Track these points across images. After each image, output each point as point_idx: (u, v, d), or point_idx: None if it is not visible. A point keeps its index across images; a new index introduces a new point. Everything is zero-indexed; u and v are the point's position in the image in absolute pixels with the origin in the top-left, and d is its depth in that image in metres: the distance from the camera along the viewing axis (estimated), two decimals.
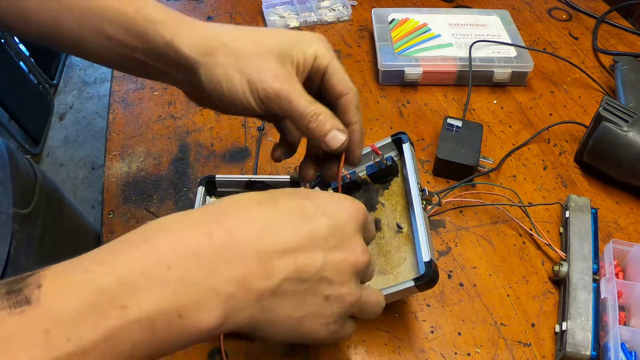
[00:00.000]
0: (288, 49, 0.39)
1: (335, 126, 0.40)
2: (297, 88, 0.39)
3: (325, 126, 0.39)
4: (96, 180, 1.89)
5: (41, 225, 0.62)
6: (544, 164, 0.67)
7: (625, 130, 0.60)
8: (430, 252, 0.45)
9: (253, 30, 0.41)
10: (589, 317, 0.49)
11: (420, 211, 0.47)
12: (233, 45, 0.39)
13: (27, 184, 0.62)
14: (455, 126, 0.66)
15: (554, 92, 0.77)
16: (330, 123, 0.39)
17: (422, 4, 0.92)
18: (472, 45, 0.76)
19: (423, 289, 0.44)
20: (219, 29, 0.41)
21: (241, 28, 0.41)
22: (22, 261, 0.55)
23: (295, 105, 0.38)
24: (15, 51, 1.94)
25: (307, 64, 0.40)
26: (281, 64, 0.39)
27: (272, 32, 0.41)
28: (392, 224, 0.51)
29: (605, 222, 0.61)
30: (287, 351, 0.49)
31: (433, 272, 0.43)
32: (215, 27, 0.41)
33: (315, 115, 0.39)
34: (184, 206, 0.61)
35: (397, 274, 0.48)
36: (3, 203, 0.53)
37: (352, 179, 0.54)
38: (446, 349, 0.50)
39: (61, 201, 0.70)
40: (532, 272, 0.56)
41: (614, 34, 0.87)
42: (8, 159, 0.58)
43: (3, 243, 0.52)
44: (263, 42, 0.39)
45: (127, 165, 0.66)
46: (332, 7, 0.89)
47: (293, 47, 0.39)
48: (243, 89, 0.38)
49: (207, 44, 0.39)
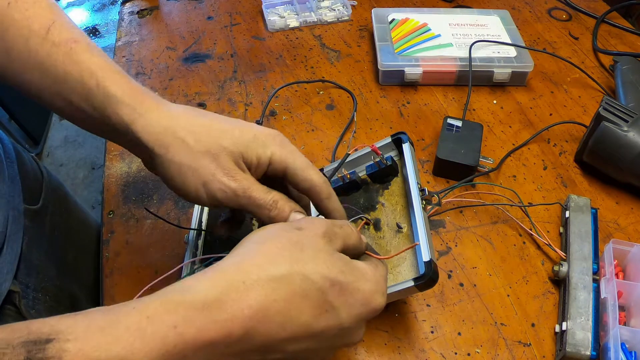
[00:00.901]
0: (243, 150, 0.40)
1: (293, 209, 0.41)
2: (252, 182, 0.40)
3: (284, 212, 0.40)
4: (96, 180, 1.89)
5: (50, 221, 0.62)
6: (544, 164, 0.67)
7: (625, 130, 0.60)
8: (430, 252, 0.45)
9: (211, 122, 0.41)
10: (589, 317, 0.49)
11: (420, 211, 0.48)
12: (188, 140, 0.39)
13: (34, 181, 0.62)
14: (455, 126, 0.66)
15: (554, 92, 0.77)
16: (289, 207, 0.41)
17: (422, 4, 0.92)
18: (472, 45, 0.76)
19: (423, 289, 0.44)
20: (177, 118, 0.40)
21: (200, 117, 0.41)
22: (34, 257, 0.56)
23: (254, 199, 0.39)
24: None
25: (261, 167, 0.41)
26: (234, 163, 0.39)
27: (229, 129, 0.41)
28: (392, 224, 0.51)
29: (605, 222, 0.61)
30: None
31: (433, 272, 0.43)
32: (173, 114, 0.40)
33: (274, 203, 0.40)
34: (184, 206, 0.61)
35: (397, 273, 0.48)
36: (14, 198, 0.54)
37: (352, 179, 0.54)
38: (446, 349, 0.50)
39: (67, 198, 0.70)
40: (532, 272, 0.56)
41: (614, 34, 0.87)
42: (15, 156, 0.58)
43: (16, 239, 0.52)
44: (217, 142, 0.39)
45: (127, 165, 0.66)
46: (332, 7, 0.89)
47: (248, 147, 0.40)
48: (196, 189, 0.39)
49: (162, 138, 0.39)
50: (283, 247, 0.35)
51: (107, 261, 0.56)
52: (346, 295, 0.35)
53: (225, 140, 0.40)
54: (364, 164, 0.55)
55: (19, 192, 0.55)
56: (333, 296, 0.34)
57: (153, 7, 0.91)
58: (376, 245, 0.51)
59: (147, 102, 0.40)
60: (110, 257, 0.56)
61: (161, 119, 0.40)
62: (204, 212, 0.56)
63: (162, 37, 0.85)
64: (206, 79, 0.78)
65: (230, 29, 0.87)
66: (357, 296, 0.36)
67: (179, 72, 0.79)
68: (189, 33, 0.86)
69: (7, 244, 0.50)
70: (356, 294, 0.36)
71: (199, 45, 0.84)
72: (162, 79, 0.78)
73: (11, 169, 0.55)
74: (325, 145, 0.68)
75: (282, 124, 0.71)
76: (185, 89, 0.76)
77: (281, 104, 0.74)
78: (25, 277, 0.53)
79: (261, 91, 0.76)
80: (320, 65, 0.80)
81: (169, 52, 0.82)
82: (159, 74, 0.79)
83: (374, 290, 0.37)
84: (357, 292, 0.36)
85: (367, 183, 0.55)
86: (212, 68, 0.80)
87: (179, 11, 0.90)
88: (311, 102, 0.74)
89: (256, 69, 0.79)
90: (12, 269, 0.51)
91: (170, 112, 0.40)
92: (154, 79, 0.78)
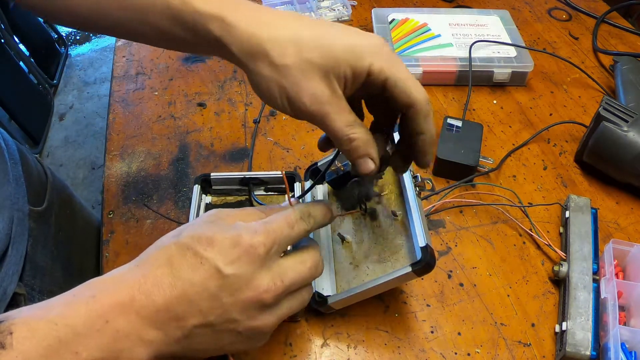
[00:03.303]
0: (334, 65, 0.37)
1: (367, 154, 0.39)
2: (335, 110, 0.37)
3: (357, 152, 0.39)
4: (96, 180, 1.89)
5: (55, 222, 0.62)
6: (544, 164, 0.67)
7: (625, 130, 0.60)
8: (426, 237, 0.45)
9: (302, 30, 0.38)
10: (589, 317, 0.49)
11: (413, 197, 0.48)
12: (273, 54, 0.37)
13: (39, 182, 0.62)
14: (455, 126, 0.66)
15: (554, 92, 0.77)
16: (363, 150, 0.39)
17: (422, 4, 0.92)
18: (472, 45, 0.76)
19: (420, 274, 0.44)
20: (267, 27, 0.38)
21: (292, 22, 0.38)
22: (39, 259, 0.56)
23: (331, 128, 0.38)
24: (15, 51, 1.94)
25: (357, 80, 0.38)
26: (324, 82, 0.37)
27: (321, 38, 0.37)
28: (388, 213, 0.51)
29: (605, 222, 0.61)
30: (286, 351, 0.50)
31: (429, 257, 0.44)
32: (263, 21, 0.38)
33: (349, 140, 0.38)
34: (184, 206, 0.61)
35: (394, 261, 0.48)
36: (19, 200, 0.54)
37: (345, 171, 0.54)
38: (446, 349, 0.50)
39: (71, 199, 0.70)
40: (532, 272, 0.56)
41: (614, 34, 0.87)
42: (19, 157, 0.58)
43: (21, 240, 0.52)
44: (306, 55, 0.37)
45: (127, 165, 0.66)
46: (332, 7, 0.89)
47: (341, 62, 0.37)
48: (283, 103, 0.38)
49: (251, 47, 0.38)
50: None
51: (107, 261, 0.56)
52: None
53: (314, 53, 0.37)
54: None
55: (23, 194, 0.55)
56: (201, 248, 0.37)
57: None
58: (373, 234, 0.51)
59: (237, 11, 0.38)
60: (110, 257, 0.56)
61: (250, 27, 0.38)
62: (200, 210, 0.56)
63: None
64: (206, 79, 0.78)
65: None
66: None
67: (179, 72, 0.79)
68: None
69: (12, 245, 0.50)
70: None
71: None
72: (162, 79, 0.78)
73: (15, 170, 0.55)
74: None
75: (282, 124, 0.71)
76: (185, 89, 0.76)
77: None
78: (31, 280, 0.53)
79: None
80: None
81: (169, 52, 0.82)
82: (159, 74, 0.79)
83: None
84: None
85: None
86: (212, 68, 0.80)
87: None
88: None
89: None
90: (18, 271, 0.51)
91: (260, 19, 0.38)
92: (154, 79, 0.78)
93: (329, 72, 0.37)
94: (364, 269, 0.50)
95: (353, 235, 0.53)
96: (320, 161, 0.58)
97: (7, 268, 0.49)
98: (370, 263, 0.50)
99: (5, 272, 0.48)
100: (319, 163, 0.58)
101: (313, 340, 0.50)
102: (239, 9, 0.39)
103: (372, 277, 0.49)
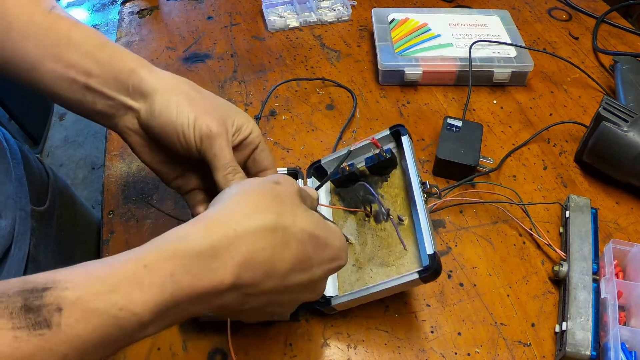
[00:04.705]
0: (232, 115, 0.44)
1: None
2: (229, 142, 0.43)
3: (231, 182, 0.42)
4: (96, 180, 1.89)
5: (57, 222, 0.62)
6: (544, 164, 0.67)
7: (625, 130, 0.60)
8: (434, 244, 0.45)
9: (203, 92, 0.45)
10: (589, 317, 0.49)
11: (422, 204, 0.48)
12: (188, 93, 0.43)
13: (40, 182, 0.62)
14: (455, 126, 0.66)
15: (554, 92, 0.77)
16: (239, 178, 0.43)
17: (422, 4, 0.92)
18: (472, 45, 0.76)
19: (427, 281, 0.45)
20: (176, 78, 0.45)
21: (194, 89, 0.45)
22: (41, 259, 0.56)
23: (224, 154, 0.42)
24: None
25: (242, 133, 0.44)
26: (222, 121, 0.43)
27: (219, 100, 0.45)
28: (393, 216, 0.51)
29: (605, 222, 0.61)
30: (286, 351, 0.50)
31: (437, 264, 0.44)
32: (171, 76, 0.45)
33: (233, 171, 0.42)
34: (184, 206, 0.61)
35: (399, 265, 0.48)
36: (21, 199, 0.54)
37: (351, 171, 0.54)
38: (446, 349, 0.50)
39: (73, 199, 0.70)
40: (532, 272, 0.56)
41: (614, 34, 0.87)
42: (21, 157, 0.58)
43: (24, 240, 0.52)
44: (211, 102, 0.44)
45: (127, 165, 0.66)
46: (332, 7, 0.89)
47: (235, 115, 0.44)
48: (189, 120, 0.41)
49: (165, 83, 0.43)
50: (267, 199, 0.36)
51: None
52: (320, 250, 0.37)
53: (218, 105, 0.44)
54: (362, 155, 0.55)
55: (25, 193, 0.55)
56: (310, 249, 0.36)
57: (153, 7, 0.91)
58: (378, 237, 0.51)
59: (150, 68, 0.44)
60: None
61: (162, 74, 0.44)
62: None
63: (162, 37, 0.85)
64: (206, 79, 0.78)
65: (230, 29, 0.87)
66: (328, 251, 0.38)
67: (179, 72, 0.78)
68: (189, 33, 0.86)
69: (14, 245, 0.50)
70: (328, 249, 0.38)
71: (198, 45, 0.84)
72: None
73: (18, 169, 0.55)
74: (325, 145, 0.68)
75: (282, 124, 0.71)
76: None
77: (281, 103, 0.74)
78: None
79: (261, 91, 0.76)
80: (320, 65, 0.80)
81: (169, 52, 0.82)
82: None
83: (341, 248, 0.39)
84: (329, 247, 0.38)
85: (366, 175, 0.55)
86: (212, 68, 0.80)
87: (179, 11, 0.91)
88: (311, 101, 0.74)
89: (256, 69, 0.79)
90: (20, 270, 0.51)
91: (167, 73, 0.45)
92: None
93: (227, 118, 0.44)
94: (367, 271, 0.50)
95: (357, 237, 0.53)
96: (324, 159, 0.58)
97: (10, 267, 0.49)
98: (374, 266, 0.50)
99: (8, 271, 0.48)
100: (322, 162, 0.58)
101: (313, 340, 0.50)
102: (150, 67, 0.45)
103: (375, 280, 0.49)
